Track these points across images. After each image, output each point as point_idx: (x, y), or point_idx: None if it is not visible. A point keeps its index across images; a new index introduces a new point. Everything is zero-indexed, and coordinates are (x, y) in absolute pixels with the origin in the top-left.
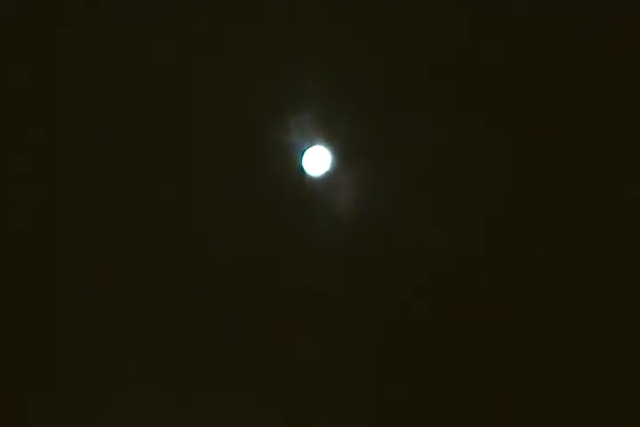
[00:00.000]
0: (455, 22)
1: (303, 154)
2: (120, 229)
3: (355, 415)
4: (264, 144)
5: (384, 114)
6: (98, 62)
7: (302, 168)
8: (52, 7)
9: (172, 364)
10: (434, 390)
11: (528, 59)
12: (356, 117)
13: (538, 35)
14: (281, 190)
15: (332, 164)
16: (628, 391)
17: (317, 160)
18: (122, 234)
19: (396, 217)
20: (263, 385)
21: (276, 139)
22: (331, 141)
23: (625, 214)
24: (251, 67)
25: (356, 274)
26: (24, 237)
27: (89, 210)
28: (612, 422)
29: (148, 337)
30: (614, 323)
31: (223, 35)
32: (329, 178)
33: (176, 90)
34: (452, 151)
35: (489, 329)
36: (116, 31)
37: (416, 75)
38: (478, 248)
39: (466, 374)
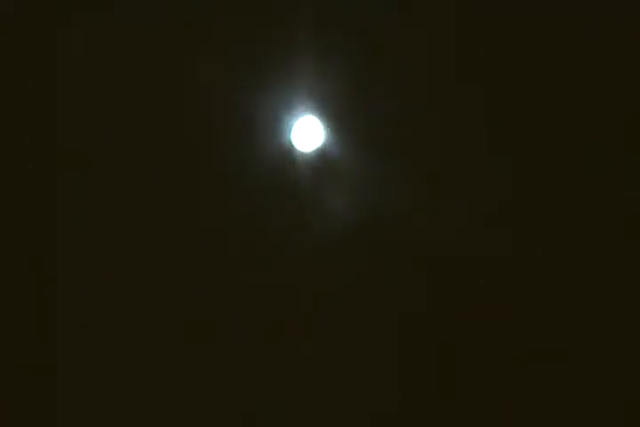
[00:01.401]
0: (455, 22)
1: (291, 129)
2: (118, 227)
3: (355, 415)
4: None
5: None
6: (98, 62)
7: (292, 144)
8: (52, 7)
9: (172, 364)
10: (434, 390)
11: (527, 59)
12: (348, 89)
13: (537, 35)
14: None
15: (325, 140)
16: (628, 391)
17: (308, 134)
18: (120, 232)
19: (396, 214)
20: (262, 386)
21: (264, 114)
22: (323, 111)
23: (625, 214)
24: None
25: (356, 271)
26: (24, 237)
27: (89, 208)
28: (612, 422)
29: (148, 337)
30: (614, 323)
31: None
32: (321, 156)
33: (174, 87)
34: (450, 147)
35: (489, 329)
36: (116, 31)
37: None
38: (478, 246)
39: (466, 375)
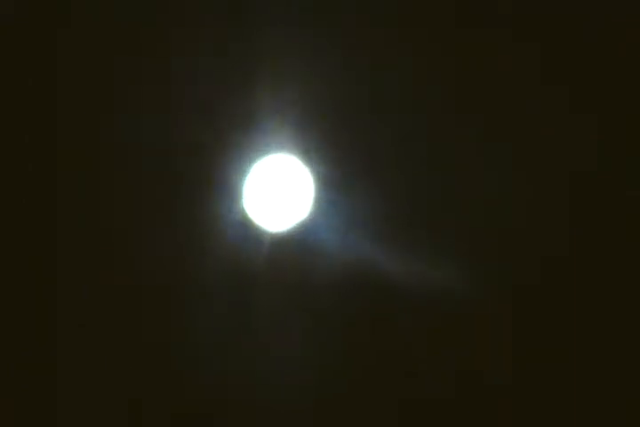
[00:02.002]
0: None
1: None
2: (118, 227)
3: (356, 414)
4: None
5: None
6: (98, 62)
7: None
8: (52, 7)
9: (171, 364)
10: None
11: (529, 60)
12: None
13: (536, 34)
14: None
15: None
16: (629, 392)
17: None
18: (120, 232)
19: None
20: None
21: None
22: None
23: (625, 214)
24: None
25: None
26: (24, 237)
27: (89, 208)
28: (613, 422)
29: (148, 336)
30: (614, 323)
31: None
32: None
33: (174, 90)
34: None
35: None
36: (117, 31)
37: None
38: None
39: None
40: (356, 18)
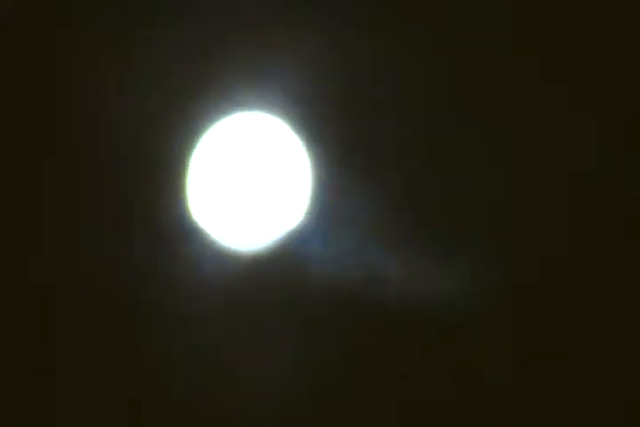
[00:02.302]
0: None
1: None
2: (117, 227)
3: (355, 415)
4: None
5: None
6: (98, 62)
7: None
8: (52, 7)
9: (172, 363)
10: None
11: (525, 58)
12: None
13: (536, 34)
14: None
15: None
16: (629, 392)
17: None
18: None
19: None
20: None
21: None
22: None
23: (625, 214)
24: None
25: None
26: (24, 237)
27: (89, 208)
28: (613, 422)
29: (148, 337)
30: (614, 323)
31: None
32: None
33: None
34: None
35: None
36: (117, 31)
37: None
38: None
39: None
40: (355, 16)
